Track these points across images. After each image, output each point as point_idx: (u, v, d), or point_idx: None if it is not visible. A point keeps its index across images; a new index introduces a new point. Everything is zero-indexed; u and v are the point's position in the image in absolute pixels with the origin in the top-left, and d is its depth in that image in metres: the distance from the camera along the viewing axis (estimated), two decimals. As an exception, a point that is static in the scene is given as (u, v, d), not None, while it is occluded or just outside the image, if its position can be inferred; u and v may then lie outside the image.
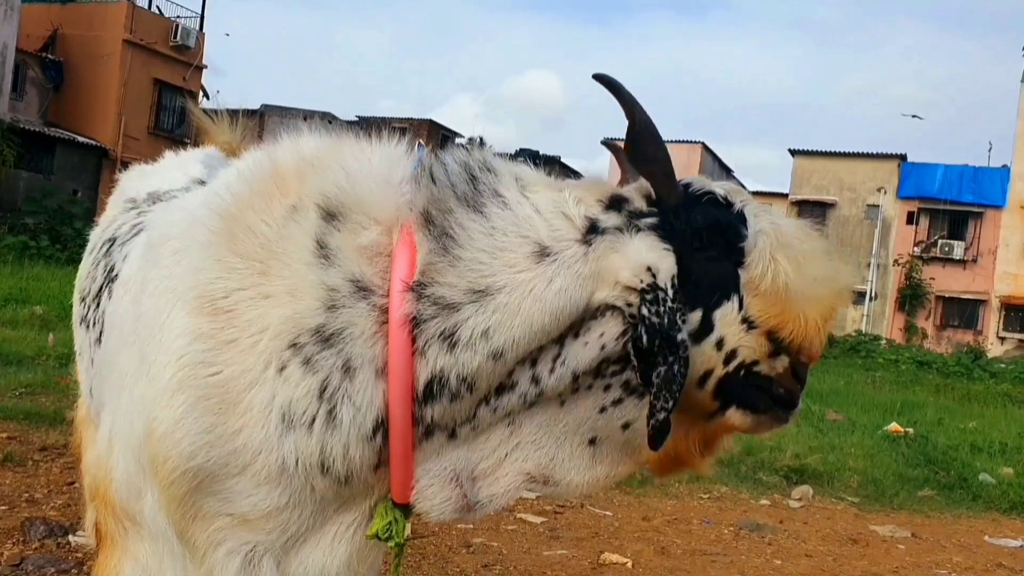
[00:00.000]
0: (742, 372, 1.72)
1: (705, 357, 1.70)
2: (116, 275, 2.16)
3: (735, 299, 1.70)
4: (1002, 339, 38.74)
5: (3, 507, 4.44)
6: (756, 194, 37.81)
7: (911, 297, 39.94)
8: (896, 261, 40.38)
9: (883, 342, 34.48)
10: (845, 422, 11.96)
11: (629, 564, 5.02)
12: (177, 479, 1.69)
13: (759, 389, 1.75)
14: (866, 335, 35.38)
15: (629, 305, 1.64)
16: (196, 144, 3.16)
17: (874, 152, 41.00)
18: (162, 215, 2.12)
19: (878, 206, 40.27)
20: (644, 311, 1.62)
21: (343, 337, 1.64)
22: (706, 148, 41.83)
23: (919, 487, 8.47)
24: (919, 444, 10.50)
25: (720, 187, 1.81)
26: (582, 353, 1.69)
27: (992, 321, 39.39)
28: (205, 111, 2.10)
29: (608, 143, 2.38)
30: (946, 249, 40.04)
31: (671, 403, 1.60)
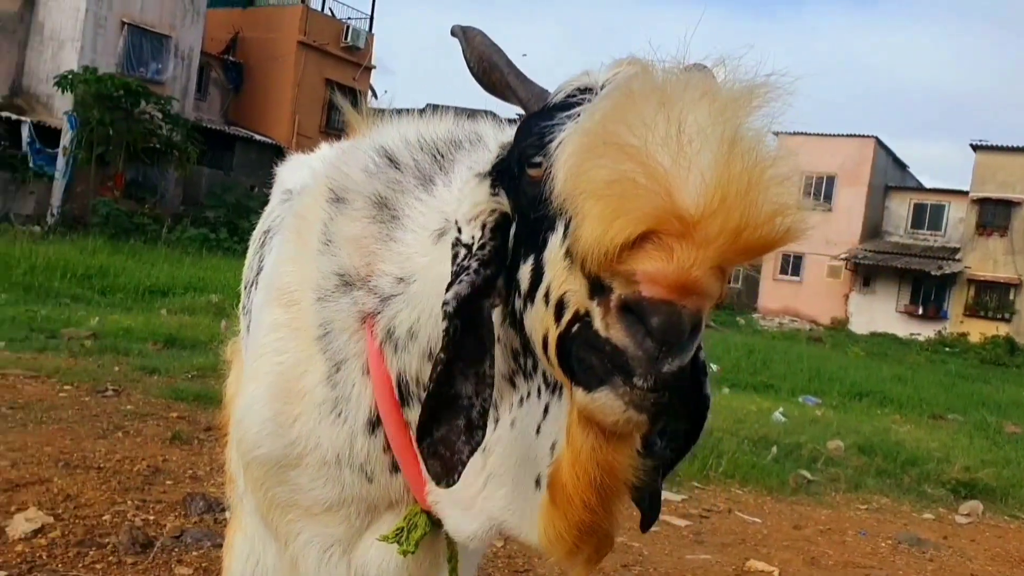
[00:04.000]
0: (576, 328, 1.15)
1: (540, 316, 1.23)
2: (263, 267, 2.23)
3: (560, 227, 1.19)
4: None
5: (169, 482, 4.73)
6: (934, 191, 34.90)
7: (1106, 303, 36.87)
8: (1089, 264, 37.38)
9: (1072, 351, 32.02)
10: (1024, 435, 11.19)
11: (776, 573, 4.84)
12: (249, 464, 1.74)
13: (591, 349, 1.12)
14: (1053, 343, 33.00)
15: None
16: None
17: (1067, 147, 38.09)
18: None
19: (1070, 205, 37.38)
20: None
21: (331, 331, 1.62)
22: (879, 143, 39.94)
23: (1108, 509, 7.82)
24: (1111, 462, 9.68)
25: (589, 75, 1.32)
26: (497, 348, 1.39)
27: None
28: (352, 107, 2.13)
29: None
30: None
31: (435, 390, 1.32)
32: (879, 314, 38.18)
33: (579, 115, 1.20)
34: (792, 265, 39.82)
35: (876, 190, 39.76)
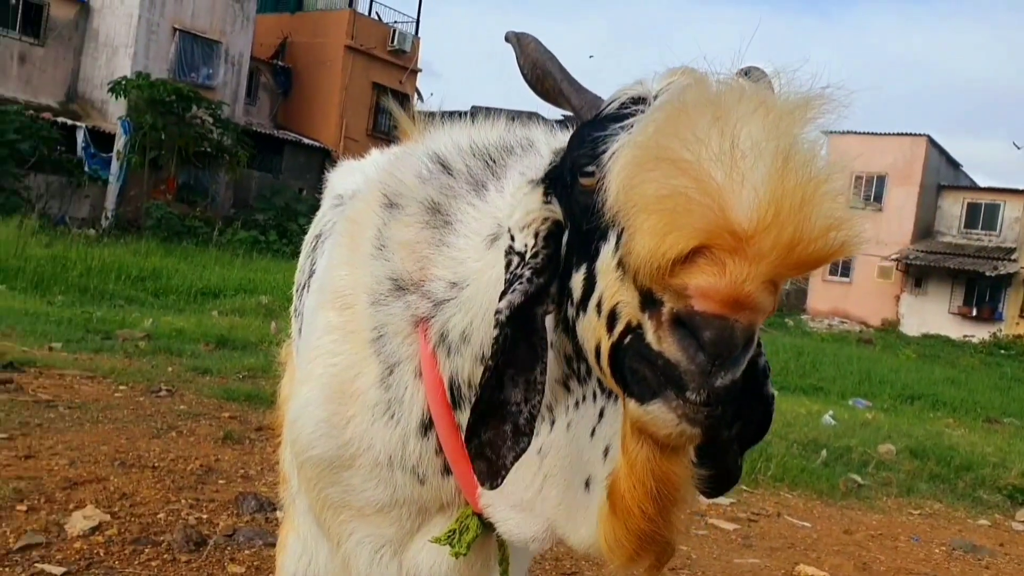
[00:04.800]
0: (628, 340, 1.16)
1: (592, 326, 1.24)
2: (314, 270, 2.27)
3: (612, 237, 1.20)
4: None
5: (221, 481, 4.80)
6: (988, 190, 34.13)
7: None
8: None
9: None
10: (1083, 440, 10.92)
11: (826, 578, 4.79)
12: (302, 464, 1.77)
13: (643, 361, 1.13)
14: (1113, 346, 32.14)
15: None
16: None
17: None
18: None
19: None
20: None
21: (385, 334, 1.64)
22: (931, 141, 39.21)
23: None
24: None
25: (643, 84, 1.32)
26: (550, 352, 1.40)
27: None
28: (404, 111, 2.16)
29: None
30: None
31: (483, 394, 1.34)
32: (931, 316, 37.49)
33: (632, 127, 1.19)
34: (842, 266, 39.21)
35: (928, 189, 39.05)
